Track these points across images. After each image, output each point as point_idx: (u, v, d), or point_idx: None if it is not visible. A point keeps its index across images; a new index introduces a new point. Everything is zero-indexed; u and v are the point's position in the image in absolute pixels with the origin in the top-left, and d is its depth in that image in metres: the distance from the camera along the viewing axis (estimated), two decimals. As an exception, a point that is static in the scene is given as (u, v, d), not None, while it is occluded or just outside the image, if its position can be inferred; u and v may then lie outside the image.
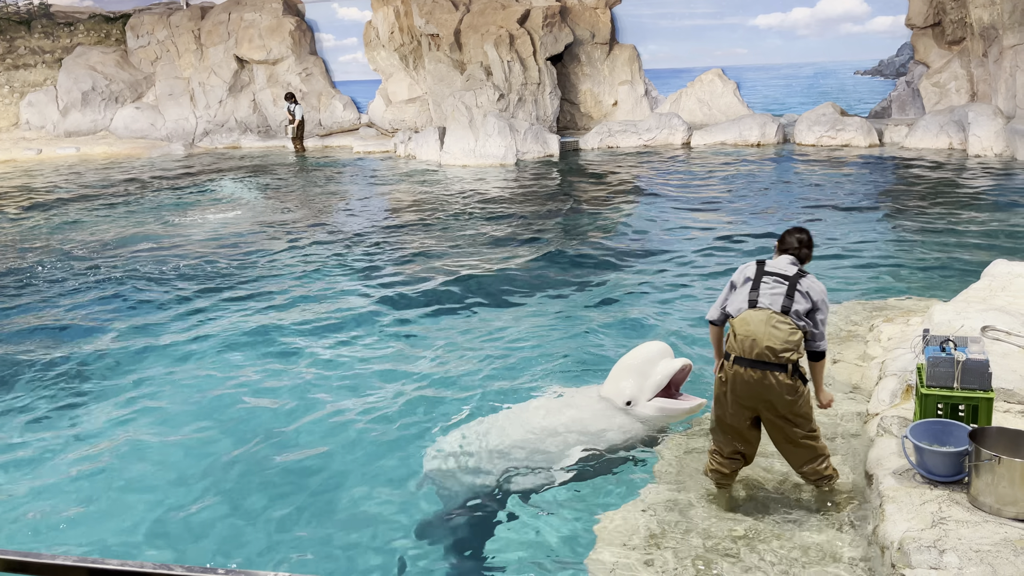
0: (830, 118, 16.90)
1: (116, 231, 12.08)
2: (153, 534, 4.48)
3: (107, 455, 5.34)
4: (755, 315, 4.05)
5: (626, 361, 5.23)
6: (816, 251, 9.55)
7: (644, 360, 5.16)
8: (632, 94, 19.58)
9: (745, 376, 4.00)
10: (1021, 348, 5.01)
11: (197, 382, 6.43)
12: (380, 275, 9.24)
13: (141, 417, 5.87)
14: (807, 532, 4.02)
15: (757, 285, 4.12)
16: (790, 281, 4.10)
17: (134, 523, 4.58)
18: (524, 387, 5.96)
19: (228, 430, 5.60)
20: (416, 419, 5.63)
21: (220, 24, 22.33)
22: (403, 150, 18.49)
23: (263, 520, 4.57)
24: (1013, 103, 15.19)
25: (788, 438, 4.10)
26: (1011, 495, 3.48)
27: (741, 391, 4.04)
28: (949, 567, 3.26)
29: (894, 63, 18.27)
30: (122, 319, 8.00)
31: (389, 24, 20.46)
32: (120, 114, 22.92)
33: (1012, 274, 6.48)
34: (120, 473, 5.12)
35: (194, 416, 5.84)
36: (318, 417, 5.73)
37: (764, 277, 4.14)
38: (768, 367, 3.97)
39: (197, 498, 4.80)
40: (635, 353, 5.25)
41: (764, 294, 4.10)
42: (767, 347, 3.96)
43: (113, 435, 5.62)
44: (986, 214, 10.56)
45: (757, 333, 3.99)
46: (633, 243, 10.19)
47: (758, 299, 4.09)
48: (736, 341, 4.04)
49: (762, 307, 4.06)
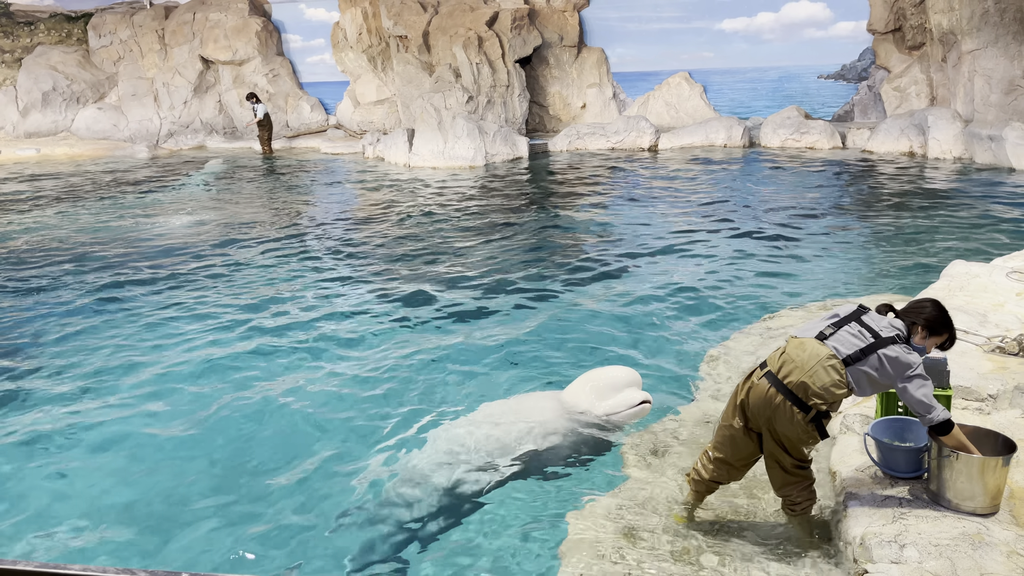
0: (795, 121, 17.16)
1: (76, 233, 11.87)
2: (116, 536, 4.41)
3: (66, 457, 5.25)
4: (815, 346, 3.64)
5: (596, 376, 5.22)
6: (780, 253, 9.71)
7: (610, 384, 5.15)
8: (600, 97, 19.70)
9: (768, 392, 3.67)
10: (978, 346, 5.13)
11: (160, 386, 6.34)
12: (346, 278, 9.19)
13: (103, 419, 5.77)
14: (773, 528, 4.08)
15: (840, 324, 3.68)
16: (876, 339, 3.59)
17: (93, 525, 4.51)
18: (487, 391, 5.97)
19: (193, 432, 5.53)
20: (378, 423, 5.61)
21: (185, 24, 22.05)
22: (371, 152, 18.41)
23: (226, 522, 4.52)
24: (971, 107, 15.55)
25: (779, 462, 3.82)
26: (968, 490, 3.56)
27: (757, 402, 3.73)
28: (909, 561, 3.32)
29: (856, 67, 18.61)
30: (77, 323, 7.86)
31: (357, 25, 20.37)
32: (82, 115, 22.53)
33: (969, 274, 6.63)
34: (82, 475, 5.03)
35: (160, 418, 5.76)
36: (278, 419, 5.68)
37: (853, 322, 3.67)
38: (791, 397, 3.62)
39: (163, 500, 4.73)
40: (607, 371, 5.25)
41: (839, 336, 3.64)
42: (802, 382, 3.59)
43: (73, 436, 5.51)
44: (945, 215, 10.79)
45: (804, 363, 3.60)
46: (601, 246, 10.25)
47: (827, 336, 3.67)
48: (779, 358, 3.71)
49: (828, 345, 3.64)
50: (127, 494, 4.85)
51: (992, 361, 4.94)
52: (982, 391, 4.59)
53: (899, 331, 3.65)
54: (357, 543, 4.32)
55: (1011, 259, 7.19)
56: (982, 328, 5.36)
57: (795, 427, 3.66)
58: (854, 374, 3.59)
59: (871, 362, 3.57)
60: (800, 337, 3.76)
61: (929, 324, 3.72)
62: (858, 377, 3.60)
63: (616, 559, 3.91)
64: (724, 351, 6.48)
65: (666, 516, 4.22)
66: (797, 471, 3.82)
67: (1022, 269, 6.63)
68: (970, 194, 12.04)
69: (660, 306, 7.77)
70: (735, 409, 3.87)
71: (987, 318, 5.56)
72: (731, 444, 3.89)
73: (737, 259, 9.24)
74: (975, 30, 15.16)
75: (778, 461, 3.82)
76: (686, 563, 3.86)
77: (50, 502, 4.81)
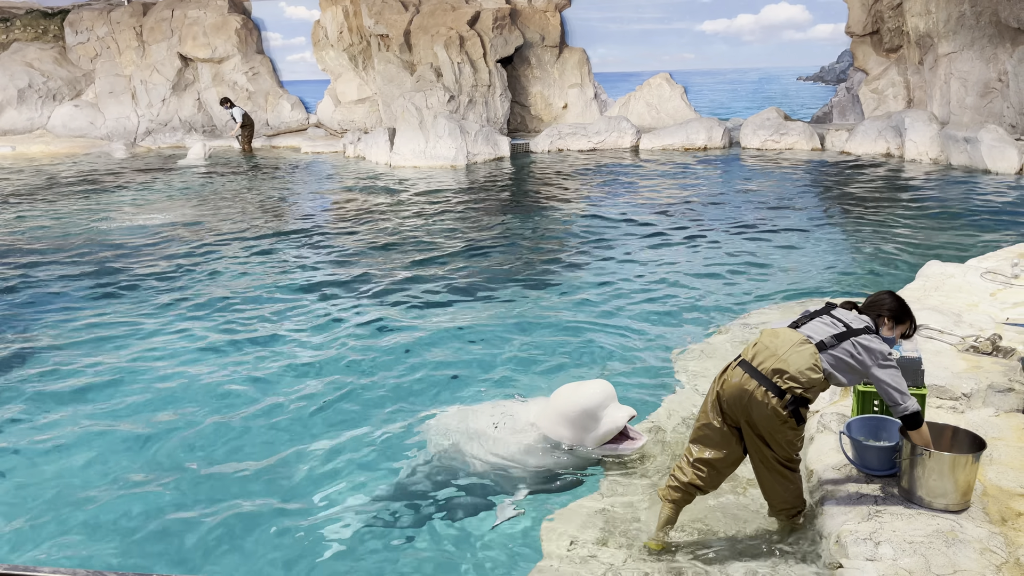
0: (774, 122, 17.28)
1: (49, 232, 11.71)
2: (88, 539, 4.36)
3: (35, 459, 5.18)
4: (788, 333, 3.70)
5: (566, 408, 4.68)
6: (758, 253, 9.77)
7: (585, 413, 4.63)
8: (582, 97, 19.74)
9: (742, 382, 3.65)
10: (953, 346, 5.19)
11: (134, 386, 6.27)
12: (326, 278, 9.13)
13: (76, 421, 5.70)
14: (750, 527, 4.10)
15: (812, 317, 3.77)
16: (848, 329, 3.67)
17: (65, 529, 4.45)
18: (463, 397, 5.94)
19: (166, 433, 5.48)
20: (353, 429, 5.59)
21: (163, 21, 21.84)
22: (352, 151, 18.33)
23: (198, 524, 4.48)
24: (947, 109, 15.73)
25: (763, 459, 3.77)
26: (940, 487, 3.60)
27: (733, 394, 3.69)
28: (884, 558, 3.35)
29: (835, 69, 18.78)
30: (50, 322, 7.76)
31: (338, 24, 20.27)
32: (58, 112, 22.25)
33: (945, 274, 6.71)
34: (53, 477, 4.97)
35: (133, 420, 5.70)
36: (255, 422, 5.64)
37: (825, 315, 3.76)
38: (766, 383, 3.60)
39: (133, 502, 4.68)
40: (576, 399, 4.67)
41: (811, 326, 3.72)
42: (776, 368, 3.59)
43: (43, 439, 5.44)
44: (921, 217, 10.91)
45: (777, 349, 3.63)
46: (581, 245, 10.27)
47: (799, 325, 3.75)
48: (752, 347, 3.73)
49: (801, 332, 3.70)
50: (98, 497, 4.80)
51: (966, 360, 5.00)
52: (956, 390, 4.65)
53: (868, 323, 3.74)
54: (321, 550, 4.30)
55: (985, 259, 7.28)
56: (956, 328, 5.43)
57: (771, 414, 3.61)
58: (828, 359, 3.63)
59: (844, 349, 3.62)
60: (775, 327, 3.81)
61: (893, 315, 3.83)
62: (831, 363, 3.63)
63: (594, 559, 3.92)
64: (702, 348, 6.52)
65: (645, 517, 4.23)
66: (781, 468, 3.76)
67: (996, 269, 6.72)
68: (946, 195, 12.18)
69: (638, 305, 7.80)
70: (713, 405, 3.82)
71: (961, 318, 5.62)
72: (711, 442, 3.81)
73: (715, 258, 9.29)
74: (951, 33, 15.34)
75: (762, 459, 3.77)
76: (662, 562, 3.87)
77: (14, 503, 4.74)
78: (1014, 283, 6.40)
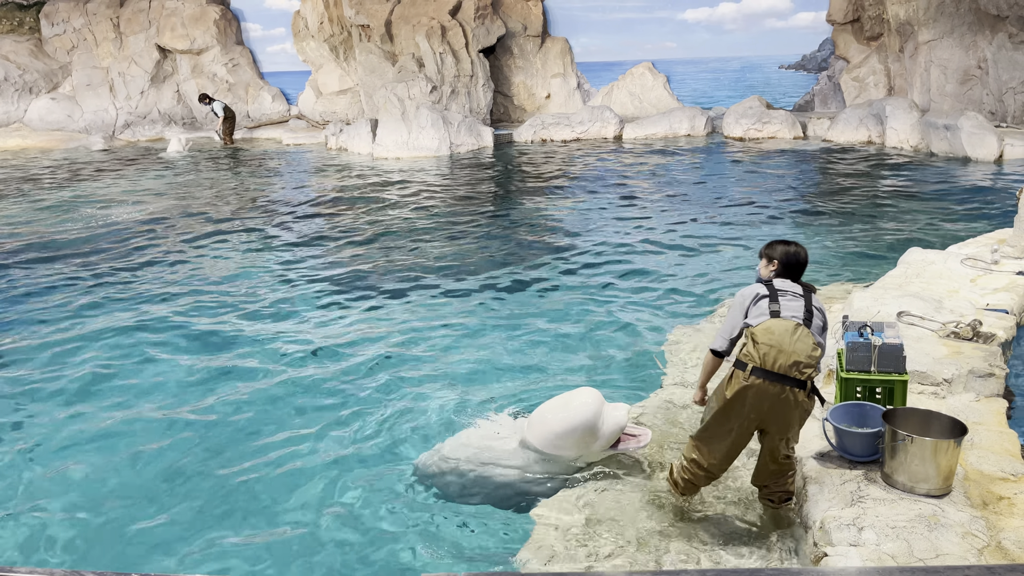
0: (756, 111, 17.33)
1: (26, 226, 11.57)
2: (72, 537, 4.32)
3: (25, 458, 5.13)
4: (779, 324, 3.78)
5: (562, 427, 4.49)
6: (741, 241, 9.81)
7: (583, 427, 4.47)
8: (565, 87, 19.69)
9: (765, 390, 3.73)
10: (934, 332, 5.23)
11: (119, 385, 6.22)
12: (306, 271, 9.08)
13: (68, 423, 5.64)
14: (737, 513, 4.12)
15: (776, 299, 3.86)
16: (805, 296, 3.89)
17: (51, 525, 4.42)
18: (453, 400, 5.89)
19: (157, 436, 5.44)
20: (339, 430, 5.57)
21: (140, 12, 21.56)
22: (334, 142, 18.21)
23: (188, 525, 4.45)
24: (927, 97, 15.83)
25: (774, 456, 3.90)
26: (923, 472, 3.63)
27: (756, 404, 3.75)
28: (868, 544, 3.38)
29: (816, 58, 18.86)
30: (29, 319, 7.67)
31: (318, 14, 20.10)
32: (35, 105, 21.94)
33: (926, 261, 6.75)
34: (43, 477, 4.92)
35: (126, 421, 5.65)
36: (228, 419, 5.61)
37: (778, 294, 3.88)
38: (789, 382, 3.71)
39: (124, 503, 4.65)
40: (570, 416, 4.49)
41: (785, 307, 3.84)
42: (793, 362, 3.71)
43: (34, 440, 5.39)
44: (902, 203, 10.99)
45: (782, 344, 3.72)
46: (563, 236, 10.26)
47: (780, 311, 3.82)
48: (756, 351, 3.75)
49: (785, 318, 3.80)
50: (86, 492, 4.76)
51: (947, 346, 5.04)
52: (937, 376, 4.69)
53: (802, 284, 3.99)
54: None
55: (966, 246, 7.34)
56: (937, 314, 5.47)
57: (801, 411, 3.79)
58: (814, 331, 3.83)
59: (815, 315, 3.86)
60: (760, 325, 3.81)
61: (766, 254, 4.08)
62: (817, 333, 3.85)
63: (582, 545, 3.93)
64: (685, 336, 6.54)
65: (634, 506, 4.24)
66: (786, 461, 3.93)
67: (977, 256, 6.78)
68: (926, 182, 12.27)
69: (624, 295, 7.81)
70: (724, 414, 3.84)
71: (942, 304, 5.67)
72: (731, 448, 3.91)
73: (697, 248, 9.31)
74: (931, 21, 15.43)
75: (773, 455, 3.89)
76: (649, 548, 3.89)
77: (39, 501, 4.70)
78: (994, 269, 6.45)
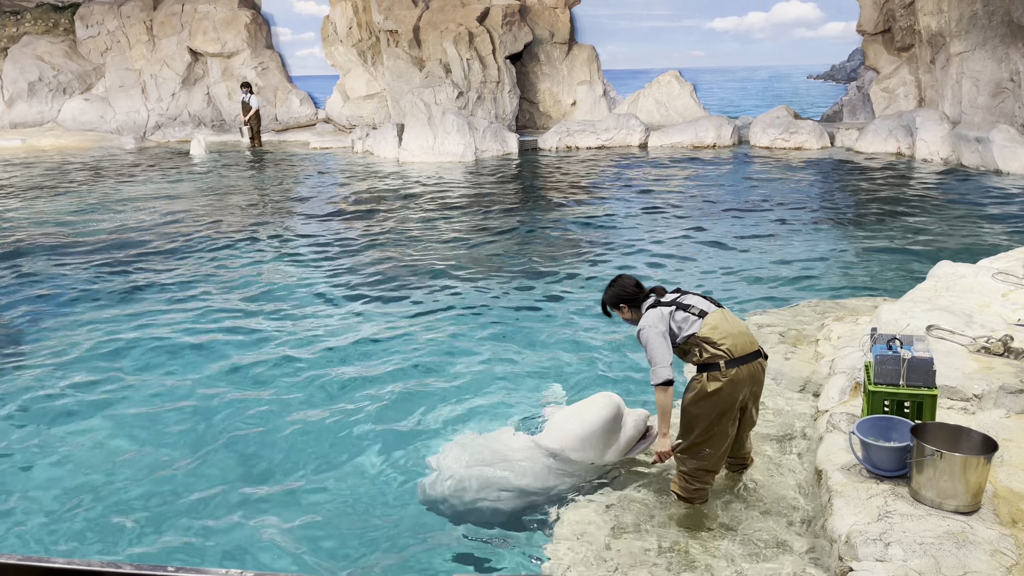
0: (784, 121, 17.22)
1: (61, 224, 11.76)
2: (101, 530, 4.38)
3: (54, 447, 5.21)
4: (715, 318, 4.05)
5: (584, 431, 4.57)
6: (768, 252, 9.76)
7: (604, 429, 4.57)
8: (591, 94, 19.70)
9: (744, 372, 4.00)
10: (964, 347, 5.16)
11: (149, 379, 6.30)
12: (332, 275, 9.14)
13: (94, 411, 5.73)
14: (760, 525, 4.09)
15: (682, 306, 4.10)
16: (686, 292, 4.26)
17: (78, 519, 4.48)
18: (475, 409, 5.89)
19: (186, 426, 5.50)
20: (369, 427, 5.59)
21: (173, 15, 21.89)
22: (360, 146, 18.34)
23: (216, 516, 4.49)
24: (959, 109, 15.64)
25: (752, 422, 4.27)
26: (951, 488, 3.58)
27: (741, 389, 4.02)
28: (894, 559, 3.33)
29: (845, 68, 18.70)
30: (63, 314, 7.79)
31: (347, 19, 20.28)
32: (68, 105, 22.33)
33: (956, 275, 6.66)
34: (74, 466, 4.99)
35: (152, 415, 5.72)
36: (271, 419, 5.66)
37: (676, 301, 4.14)
38: (754, 357, 4.05)
39: (150, 494, 4.70)
40: (592, 420, 4.58)
41: (695, 305, 4.10)
42: (748, 340, 4.05)
43: (63, 429, 5.47)
44: (932, 216, 10.86)
45: (731, 330, 4.02)
46: (587, 243, 10.25)
47: (703, 309, 4.08)
48: (720, 348, 3.98)
49: (709, 311, 4.08)
50: (126, 485, 4.82)
51: (977, 361, 4.97)
52: (967, 391, 4.62)
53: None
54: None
55: (997, 260, 7.23)
56: (968, 328, 5.40)
57: (764, 373, 4.18)
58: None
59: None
60: (702, 328, 4.03)
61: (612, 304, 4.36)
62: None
63: (605, 553, 3.92)
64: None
65: (656, 514, 4.22)
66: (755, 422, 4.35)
67: (1008, 270, 6.67)
68: (957, 195, 12.12)
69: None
70: (719, 416, 4.04)
71: (973, 319, 5.59)
72: (728, 445, 4.16)
73: (722, 257, 9.26)
74: (964, 32, 15.25)
75: (751, 422, 4.30)
76: (672, 559, 3.87)
77: (32, 492, 4.77)
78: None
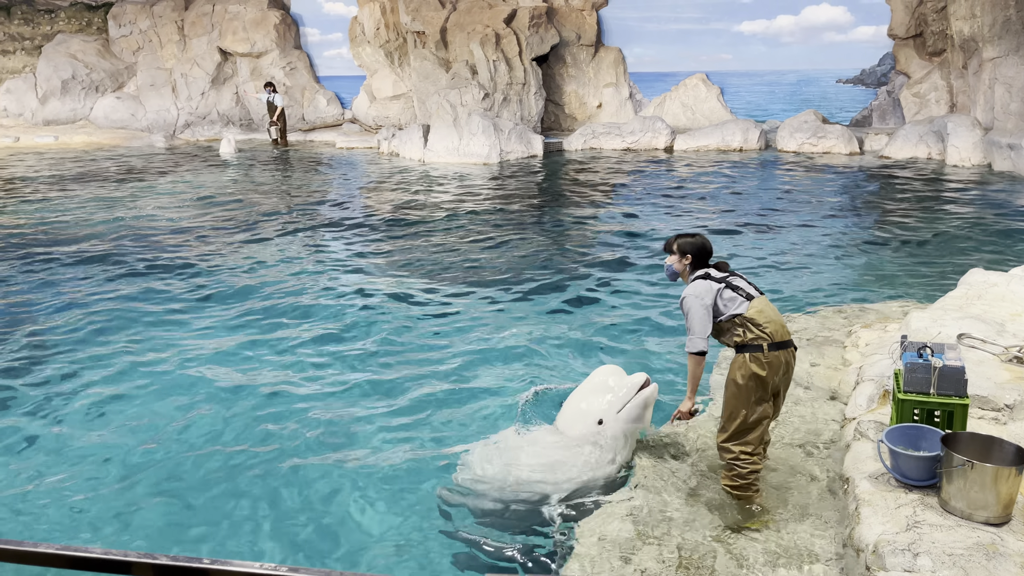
0: (812, 125, 17.07)
1: (92, 221, 11.94)
2: (135, 523, 4.45)
3: (76, 440, 5.29)
4: (761, 302, 4.26)
5: (586, 386, 4.92)
6: (796, 257, 9.67)
7: (603, 382, 4.88)
8: (617, 96, 19.65)
9: (783, 357, 4.23)
10: (996, 356, 5.10)
11: (170, 375, 6.37)
12: (362, 273, 9.20)
13: (120, 406, 5.81)
14: (785, 533, 4.06)
15: (733, 286, 4.27)
16: (737, 274, 4.40)
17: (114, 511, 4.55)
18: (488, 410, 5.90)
19: (206, 422, 5.57)
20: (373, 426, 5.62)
21: (204, 15, 22.15)
22: (386, 147, 18.44)
23: (247, 514, 4.54)
24: (991, 115, 15.42)
25: (779, 410, 4.44)
26: (982, 499, 3.53)
27: (778, 373, 4.23)
28: (923, 570, 3.30)
29: (876, 72, 18.49)
30: (90, 310, 7.91)
31: (375, 20, 20.40)
32: (100, 103, 22.67)
33: (987, 283, 6.58)
34: (100, 461, 5.07)
35: (173, 409, 5.80)
36: (285, 414, 5.70)
37: (728, 280, 4.30)
38: (788, 345, 4.26)
39: (187, 489, 4.76)
40: (593, 378, 4.97)
41: (744, 288, 4.28)
42: (785, 328, 4.26)
43: (86, 426, 5.56)
44: (963, 224, 10.71)
45: (774, 317, 4.24)
46: (614, 247, 10.23)
47: (748, 290, 4.27)
48: (762, 331, 4.18)
49: (755, 296, 4.27)
50: (156, 479, 4.89)
51: (1009, 371, 4.90)
52: (999, 401, 4.56)
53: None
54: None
55: (1029, 269, 7.12)
56: (999, 337, 5.33)
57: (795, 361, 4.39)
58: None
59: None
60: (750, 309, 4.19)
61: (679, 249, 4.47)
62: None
63: (628, 559, 3.91)
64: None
65: (680, 518, 4.21)
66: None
67: (1040, 279, 6.57)
68: (989, 202, 11.95)
69: (671, 307, 7.75)
70: (762, 394, 4.22)
71: (1005, 327, 5.52)
72: (767, 425, 4.36)
73: (751, 262, 9.20)
74: (996, 38, 15.04)
75: (778, 409, 4.45)
76: (695, 566, 3.86)
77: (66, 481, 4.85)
78: (1059, 293, 6.25)
